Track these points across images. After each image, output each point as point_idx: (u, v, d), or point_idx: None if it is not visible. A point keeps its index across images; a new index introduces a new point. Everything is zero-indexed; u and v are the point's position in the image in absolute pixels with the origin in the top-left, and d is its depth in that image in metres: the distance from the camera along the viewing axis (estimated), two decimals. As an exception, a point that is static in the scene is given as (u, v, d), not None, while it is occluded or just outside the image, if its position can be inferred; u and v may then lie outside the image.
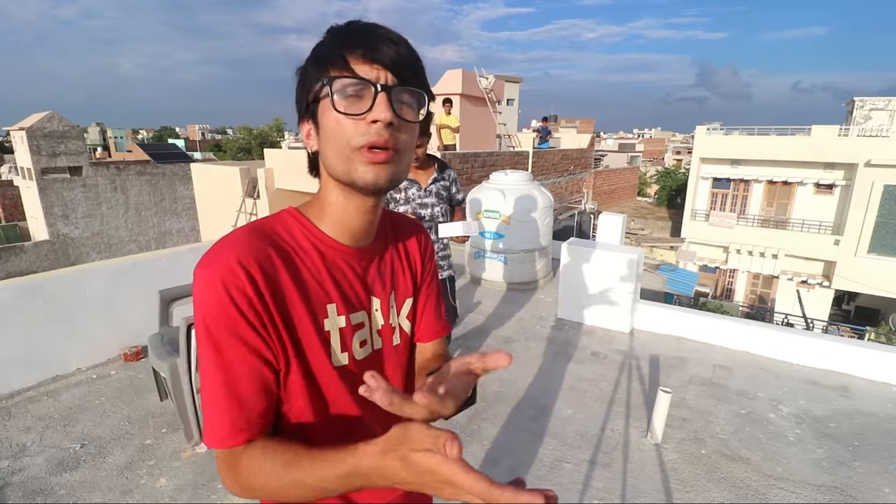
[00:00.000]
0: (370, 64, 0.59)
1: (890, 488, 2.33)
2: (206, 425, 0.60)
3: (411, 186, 2.65)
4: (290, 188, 10.17)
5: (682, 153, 42.77)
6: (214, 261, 0.59)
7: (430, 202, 2.66)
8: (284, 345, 0.62)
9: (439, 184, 2.70)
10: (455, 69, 12.68)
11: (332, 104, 0.59)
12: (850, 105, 18.53)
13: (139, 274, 3.52)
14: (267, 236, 0.63)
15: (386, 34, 0.61)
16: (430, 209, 2.66)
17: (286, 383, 0.63)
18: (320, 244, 0.67)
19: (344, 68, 0.59)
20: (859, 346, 3.59)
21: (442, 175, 2.71)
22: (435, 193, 2.67)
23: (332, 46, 0.61)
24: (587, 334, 4.06)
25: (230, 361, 0.58)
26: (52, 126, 15.05)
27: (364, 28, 0.62)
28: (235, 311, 0.57)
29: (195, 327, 0.60)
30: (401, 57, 0.61)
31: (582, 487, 2.26)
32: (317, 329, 0.64)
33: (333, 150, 0.63)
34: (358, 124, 0.60)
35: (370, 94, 0.59)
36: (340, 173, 0.63)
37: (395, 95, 0.60)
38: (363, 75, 0.59)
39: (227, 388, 0.58)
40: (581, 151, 15.36)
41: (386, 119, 0.59)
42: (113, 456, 2.40)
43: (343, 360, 0.68)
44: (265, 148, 13.82)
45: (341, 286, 0.68)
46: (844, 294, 17.45)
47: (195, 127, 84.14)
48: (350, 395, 0.68)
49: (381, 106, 0.59)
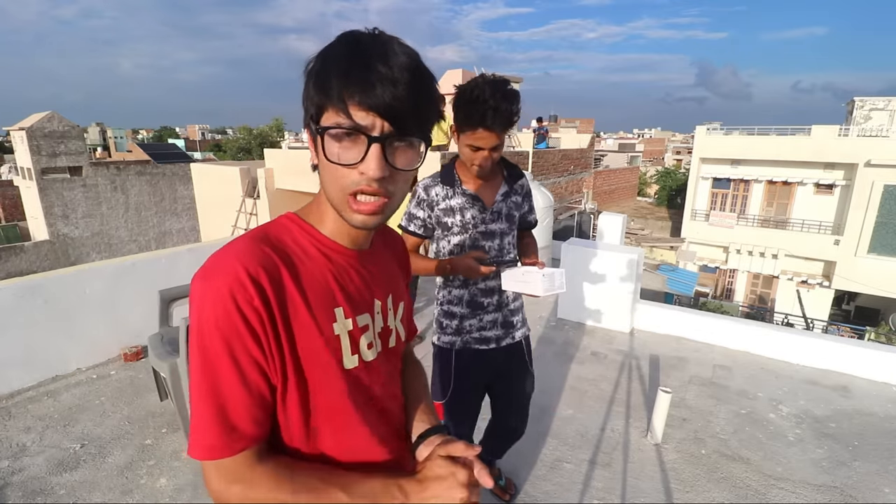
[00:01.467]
0: (366, 110, 0.56)
1: (890, 488, 2.33)
2: (196, 436, 0.58)
3: (471, 206, 1.59)
4: (290, 188, 10.16)
5: (682, 153, 42.79)
6: (221, 271, 0.57)
7: (499, 229, 1.64)
8: (284, 357, 0.61)
9: (510, 200, 1.67)
10: (455, 69, 12.69)
11: (323, 151, 0.58)
12: (850, 105, 18.53)
13: (139, 274, 3.52)
14: (270, 243, 0.62)
15: (388, 74, 0.56)
16: (497, 239, 1.64)
17: (284, 396, 0.63)
18: (324, 248, 0.67)
19: (341, 111, 0.57)
20: (859, 346, 3.59)
21: (513, 186, 1.68)
22: (505, 215, 1.65)
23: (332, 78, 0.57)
24: (587, 334, 4.06)
25: (230, 372, 0.57)
26: (52, 126, 15.05)
27: (367, 63, 0.56)
28: (242, 323, 0.56)
29: (190, 337, 0.59)
30: (400, 102, 0.56)
31: (582, 487, 2.26)
32: (324, 335, 0.64)
33: (327, 184, 0.62)
34: (349, 172, 0.59)
35: (363, 143, 0.57)
36: (334, 205, 0.64)
37: (389, 145, 0.58)
38: (359, 121, 0.56)
39: (222, 399, 0.57)
40: (581, 151, 15.35)
41: (376, 175, 0.58)
42: (113, 456, 2.40)
43: (354, 363, 0.68)
44: (265, 148, 13.82)
45: (348, 289, 0.68)
46: (844, 294, 17.45)
47: (195, 127, 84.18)
48: (357, 398, 0.68)
49: (372, 160, 0.57)
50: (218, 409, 0.57)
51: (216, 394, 0.57)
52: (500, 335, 1.67)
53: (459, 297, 1.63)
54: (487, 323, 1.65)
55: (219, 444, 0.57)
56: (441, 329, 1.67)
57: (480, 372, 1.68)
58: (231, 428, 0.57)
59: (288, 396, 0.63)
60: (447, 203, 1.57)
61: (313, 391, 0.64)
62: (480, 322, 1.64)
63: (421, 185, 1.59)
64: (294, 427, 0.64)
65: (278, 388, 0.62)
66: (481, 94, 1.34)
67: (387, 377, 0.75)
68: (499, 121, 1.36)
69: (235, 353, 0.57)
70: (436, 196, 1.57)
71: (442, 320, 1.66)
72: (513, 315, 1.72)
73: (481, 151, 1.43)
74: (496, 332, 1.66)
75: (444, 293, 1.66)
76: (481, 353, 1.66)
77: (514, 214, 1.67)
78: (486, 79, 1.38)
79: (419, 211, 1.59)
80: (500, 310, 1.66)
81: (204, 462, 0.59)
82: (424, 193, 1.57)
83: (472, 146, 1.43)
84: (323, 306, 0.64)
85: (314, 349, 0.63)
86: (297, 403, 0.63)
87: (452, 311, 1.64)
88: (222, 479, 0.59)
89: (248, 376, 0.58)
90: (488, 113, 1.34)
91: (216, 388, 0.57)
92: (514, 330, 1.72)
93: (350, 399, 0.67)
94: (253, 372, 0.58)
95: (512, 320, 1.71)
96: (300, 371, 0.62)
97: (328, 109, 0.58)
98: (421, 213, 1.59)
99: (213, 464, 0.58)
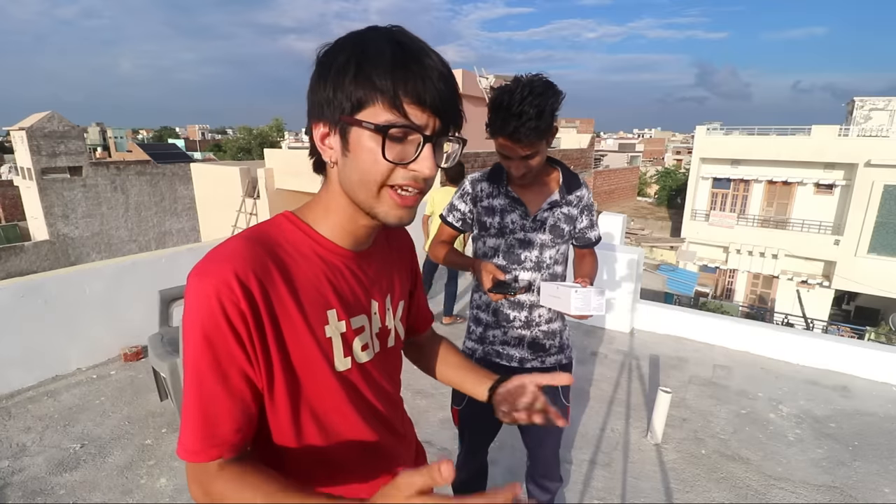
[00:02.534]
0: (423, 108, 0.56)
1: (890, 488, 2.33)
2: (181, 436, 0.58)
3: (512, 210, 1.47)
4: (290, 188, 10.16)
5: (682, 153, 42.78)
6: (210, 272, 0.57)
7: (540, 239, 1.47)
8: (271, 362, 0.60)
9: (559, 211, 1.48)
10: (455, 69, 12.69)
11: (382, 151, 0.57)
12: (850, 105, 18.53)
13: (139, 274, 3.52)
14: (264, 245, 0.61)
15: (440, 71, 0.57)
16: (536, 250, 1.47)
17: (272, 397, 0.62)
18: (320, 249, 0.66)
19: (396, 108, 0.56)
20: (859, 346, 3.59)
21: (566, 197, 1.50)
22: (550, 226, 1.47)
23: (387, 74, 0.55)
24: (587, 334, 4.06)
25: (212, 376, 0.57)
26: (52, 126, 15.06)
27: (419, 59, 0.56)
28: (227, 326, 0.56)
29: (183, 333, 0.59)
30: (449, 99, 0.58)
31: (582, 487, 2.26)
32: (315, 338, 0.63)
33: (360, 179, 0.60)
34: (395, 168, 0.58)
35: (416, 141, 0.58)
36: (361, 201, 0.62)
37: (438, 144, 0.59)
38: (414, 120, 0.56)
39: (204, 403, 0.57)
40: (581, 151, 15.35)
41: (432, 174, 0.59)
42: (113, 456, 2.40)
43: (346, 365, 0.67)
44: (265, 148, 13.82)
45: (342, 291, 0.67)
46: (844, 294, 17.45)
47: (195, 127, 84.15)
48: (350, 400, 0.68)
49: (426, 160, 0.58)
50: (201, 412, 0.57)
51: (200, 397, 0.57)
52: (526, 356, 1.52)
53: (487, 304, 1.54)
54: (512, 339, 1.51)
55: (197, 448, 0.57)
56: (468, 333, 1.61)
57: None
58: (211, 433, 0.57)
59: (276, 398, 0.62)
60: (490, 202, 1.48)
61: (303, 393, 0.64)
62: (504, 335, 1.52)
63: (469, 179, 1.54)
64: (283, 427, 0.64)
65: (265, 391, 0.61)
66: (508, 101, 1.24)
67: (383, 377, 0.75)
68: (523, 132, 1.24)
69: (219, 356, 0.57)
70: (480, 192, 1.50)
71: (470, 325, 1.61)
72: (546, 338, 1.52)
73: (510, 160, 1.36)
74: (520, 352, 1.52)
75: (475, 297, 1.60)
76: (501, 368, 1.51)
77: (562, 227, 1.48)
78: (520, 82, 1.25)
79: (461, 203, 1.54)
80: (530, 328, 1.50)
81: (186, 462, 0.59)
82: (470, 187, 1.52)
83: (501, 154, 1.37)
84: (315, 308, 0.63)
85: (304, 352, 0.62)
86: (286, 405, 0.63)
87: (479, 316, 1.57)
88: (194, 482, 0.59)
89: (231, 380, 0.58)
90: (511, 122, 1.24)
91: (200, 392, 0.57)
92: (546, 355, 1.53)
93: (340, 400, 0.67)
94: (236, 376, 0.58)
95: (544, 343, 1.52)
96: (289, 373, 0.62)
97: (373, 105, 0.56)
98: (462, 206, 1.53)
99: (191, 465, 0.59)
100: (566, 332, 1.59)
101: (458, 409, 1.61)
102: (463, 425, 1.64)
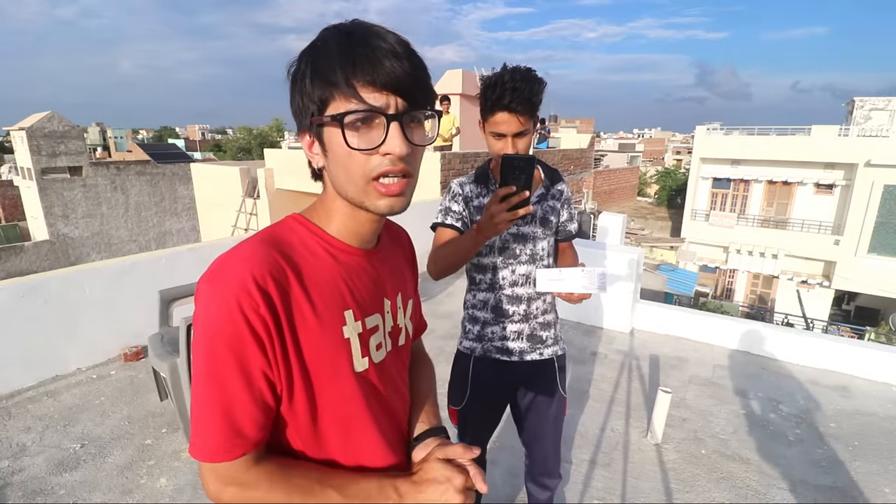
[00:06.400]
0: (378, 90, 0.56)
1: (890, 488, 2.33)
2: (199, 438, 0.58)
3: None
4: (291, 188, 10.16)
5: (682, 153, 42.77)
6: (227, 277, 0.56)
7: (532, 232, 1.52)
8: (290, 363, 0.60)
9: (546, 204, 1.56)
10: (455, 69, 12.68)
11: (344, 140, 0.57)
12: (850, 105, 18.53)
13: (139, 274, 3.52)
14: (278, 246, 0.61)
15: (390, 49, 0.57)
16: (531, 243, 1.52)
17: (291, 400, 0.62)
18: (332, 249, 0.66)
19: (351, 96, 0.56)
20: (859, 346, 3.59)
21: (550, 190, 1.58)
22: (539, 219, 1.54)
23: (335, 65, 0.56)
24: (587, 334, 4.06)
25: (235, 379, 0.57)
26: (52, 126, 15.07)
27: (366, 42, 0.57)
28: (247, 332, 0.56)
29: (194, 339, 0.59)
30: (408, 75, 0.57)
31: (582, 487, 2.26)
32: (334, 339, 0.63)
33: (344, 177, 0.61)
34: (370, 157, 0.58)
35: (381, 124, 0.57)
36: (352, 198, 0.62)
37: (405, 122, 0.58)
38: (372, 102, 0.56)
39: (226, 405, 0.57)
40: (581, 151, 15.34)
41: (403, 152, 0.58)
42: (113, 456, 2.40)
43: (364, 365, 0.67)
44: (265, 148, 13.83)
45: (357, 290, 0.67)
46: (844, 294, 17.46)
47: (195, 127, 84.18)
48: (366, 399, 0.68)
49: (394, 139, 0.57)
50: (223, 414, 0.57)
51: (221, 399, 0.57)
52: (525, 349, 1.56)
53: (484, 302, 1.56)
54: (511, 333, 1.54)
55: (222, 448, 0.57)
56: (464, 333, 1.61)
57: (499, 383, 1.59)
58: (235, 433, 0.57)
59: (295, 401, 0.62)
60: (479, 201, 1.51)
61: (322, 395, 0.63)
62: (504, 331, 1.54)
63: (455, 182, 1.55)
64: (302, 430, 0.64)
65: (284, 393, 0.61)
66: (500, 78, 1.34)
67: (395, 375, 0.75)
68: (517, 100, 1.32)
69: (241, 361, 0.57)
70: (469, 193, 1.52)
71: (466, 324, 1.61)
72: (543, 329, 1.57)
73: (504, 139, 1.38)
74: (520, 345, 1.55)
75: (469, 296, 1.61)
76: (501, 363, 1.55)
77: (550, 219, 1.55)
78: (506, 68, 1.37)
79: (455, 205, 1.53)
80: (528, 321, 1.54)
81: (201, 462, 0.59)
82: (459, 189, 1.53)
83: (494, 133, 1.39)
84: (332, 310, 0.63)
85: (323, 354, 0.62)
86: (305, 407, 0.63)
87: (476, 315, 1.58)
88: (219, 481, 0.59)
89: (253, 384, 0.58)
90: (506, 93, 1.32)
91: (221, 395, 0.57)
92: (543, 346, 1.57)
93: (360, 401, 0.67)
94: (258, 379, 0.58)
95: (541, 335, 1.57)
96: (308, 376, 0.62)
97: (334, 100, 0.57)
98: (457, 207, 1.53)
99: (210, 465, 0.58)
100: (558, 324, 1.65)
101: (457, 409, 1.62)
102: (461, 425, 1.65)
